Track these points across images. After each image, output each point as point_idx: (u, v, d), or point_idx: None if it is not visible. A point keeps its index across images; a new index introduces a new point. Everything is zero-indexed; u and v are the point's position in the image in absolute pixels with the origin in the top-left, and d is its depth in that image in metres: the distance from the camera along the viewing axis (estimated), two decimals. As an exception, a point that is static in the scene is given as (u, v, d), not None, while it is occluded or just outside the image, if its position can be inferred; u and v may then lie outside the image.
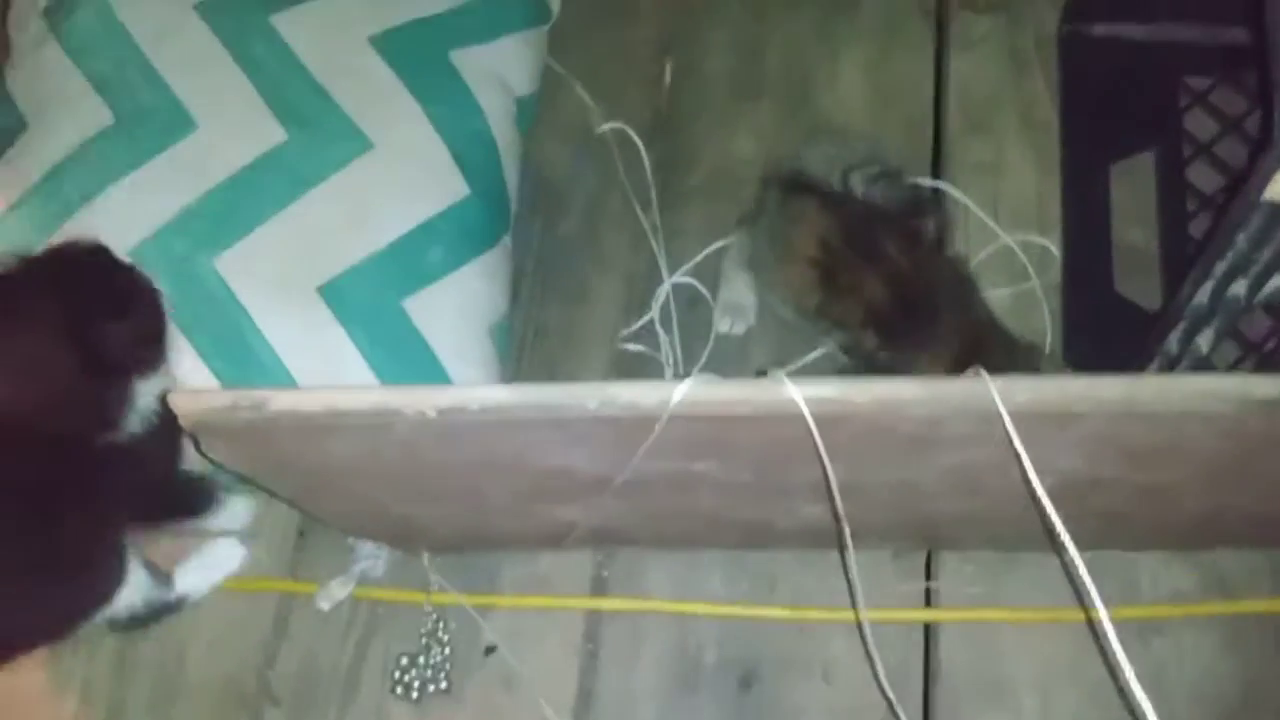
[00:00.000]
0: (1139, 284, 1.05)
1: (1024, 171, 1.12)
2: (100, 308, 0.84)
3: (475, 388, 0.61)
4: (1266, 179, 0.61)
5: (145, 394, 0.87)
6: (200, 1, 1.04)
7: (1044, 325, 1.04)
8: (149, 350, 0.88)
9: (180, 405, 0.63)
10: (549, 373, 1.08)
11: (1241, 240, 0.67)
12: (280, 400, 0.62)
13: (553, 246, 1.14)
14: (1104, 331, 1.03)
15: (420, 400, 0.61)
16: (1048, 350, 1.01)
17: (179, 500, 0.96)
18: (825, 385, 0.60)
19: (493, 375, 1.03)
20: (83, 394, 0.84)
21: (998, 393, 0.58)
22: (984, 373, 0.58)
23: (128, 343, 0.85)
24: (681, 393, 0.59)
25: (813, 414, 0.60)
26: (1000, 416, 0.58)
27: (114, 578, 0.90)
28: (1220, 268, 0.69)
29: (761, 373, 0.62)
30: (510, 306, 1.08)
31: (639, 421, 0.62)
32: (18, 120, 1.03)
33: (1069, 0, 1.15)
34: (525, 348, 1.09)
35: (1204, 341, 0.79)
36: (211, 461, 0.71)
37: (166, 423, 0.85)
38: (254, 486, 0.82)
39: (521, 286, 1.11)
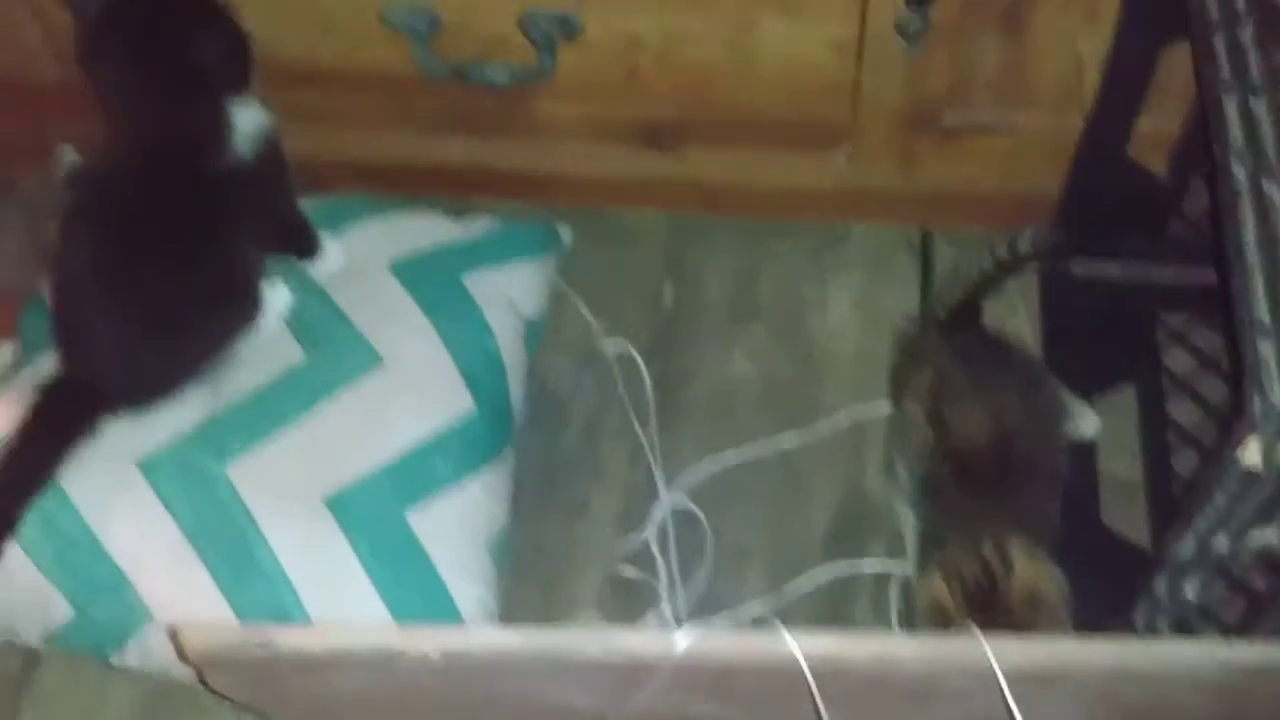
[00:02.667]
0: (1125, 516, 1.07)
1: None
2: (183, 21, 0.96)
3: (479, 629, 0.62)
4: (1239, 444, 0.65)
5: (243, 117, 0.99)
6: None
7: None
8: (235, 65, 0.99)
9: (188, 640, 0.64)
10: (545, 590, 1.09)
11: (1220, 498, 0.69)
12: (287, 638, 0.63)
13: (553, 460, 1.17)
14: (1091, 563, 1.04)
15: (424, 642, 0.62)
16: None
17: (295, 236, 1.08)
18: (823, 639, 0.61)
19: (490, 590, 1.04)
20: (182, 110, 0.97)
21: (992, 653, 0.59)
22: (978, 632, 0.59)
23: (215, 53, 0.97)
24: (682, 645, 0.60)
25: (810, 666, 0.61)
26: (995, 675, 0.60)
27: (252, 304, 1.03)
28: (1201, 523, 0.72)
29: (760, 620, 0.63)
30: (510, 520, 1.10)
31: (639, 668, 0.63)
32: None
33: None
34: (522, 563, 1.10)
35: (1190, 589, 0.81)
36: (213, 691, 0.71)
37: (275, 150, 1.01)
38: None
39: (520, 499, 1.13)
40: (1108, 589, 0.94)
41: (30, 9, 1.17)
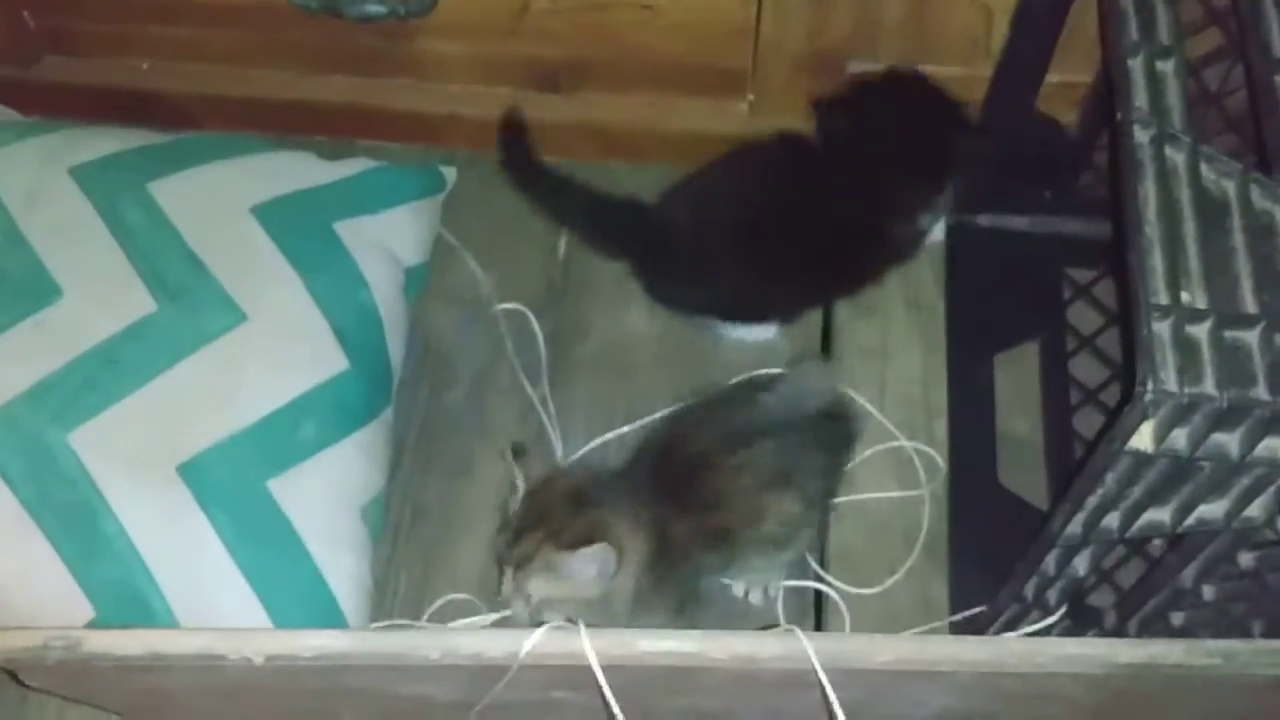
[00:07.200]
0: (1023, 477, 1.05)
1: (910, 355, 1.12)
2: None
3: (306, 632, 0.56)
4: (1130, 431, 0.61)
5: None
6: (75, 165, 1.01)
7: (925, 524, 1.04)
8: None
9: (-11, 643, 0.58)
10: (425, 556, 1.04)
11: (1110, 480, 0.66)
12: (95, 641, 0.57)
13: (438, 417, 1.11)
14: (988, 526, 1.02)
15: (247, 646, 0.56)
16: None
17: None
18: (684, 639, 0.57)
19: (364, 559, 0.99)
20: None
21: (858, 650, 0.56)
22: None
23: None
24: (529, 646, 0.56)
25: (666, 666, 0.57)
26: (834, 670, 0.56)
27: None
28: (1092, 502, 0.69)
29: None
30: (388, 482, 1.04)
31: (488, 668, 0.59)
32: None
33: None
34: (402, 528, 1.05)
35: (1081, 564, 0.78)
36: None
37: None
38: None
39: (402, 459, 1.08)
40: (1002, 553, 0.91)
41: None
